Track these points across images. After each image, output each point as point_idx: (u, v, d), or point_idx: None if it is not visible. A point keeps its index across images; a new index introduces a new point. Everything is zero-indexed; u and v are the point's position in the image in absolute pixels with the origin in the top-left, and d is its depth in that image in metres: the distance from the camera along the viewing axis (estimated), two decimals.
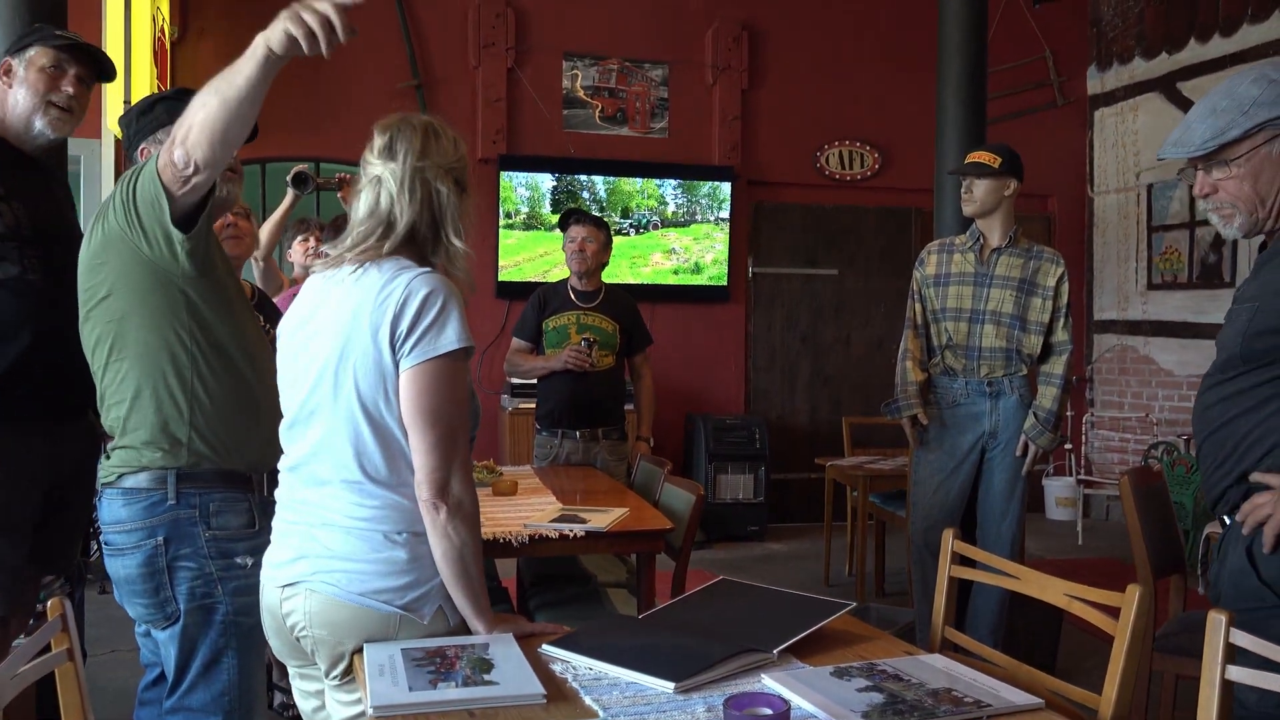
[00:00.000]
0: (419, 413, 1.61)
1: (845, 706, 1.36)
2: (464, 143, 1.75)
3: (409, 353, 1.61)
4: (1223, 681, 1.31)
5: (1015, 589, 1.76)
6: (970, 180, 3.37)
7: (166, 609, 1.89)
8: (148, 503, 1.87)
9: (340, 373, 1.65)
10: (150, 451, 1.88)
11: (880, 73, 6.65)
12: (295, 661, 1.76)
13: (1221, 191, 1.78)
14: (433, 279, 1.64)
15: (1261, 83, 1.73)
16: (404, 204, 1.67)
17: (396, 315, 1.60)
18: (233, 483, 1.94)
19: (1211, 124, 1.74)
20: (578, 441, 3.84)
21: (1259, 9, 5.92)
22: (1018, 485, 3.39)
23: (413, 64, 5.96)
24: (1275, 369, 1.69)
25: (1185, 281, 6.44)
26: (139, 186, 1.84)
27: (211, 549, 1.89)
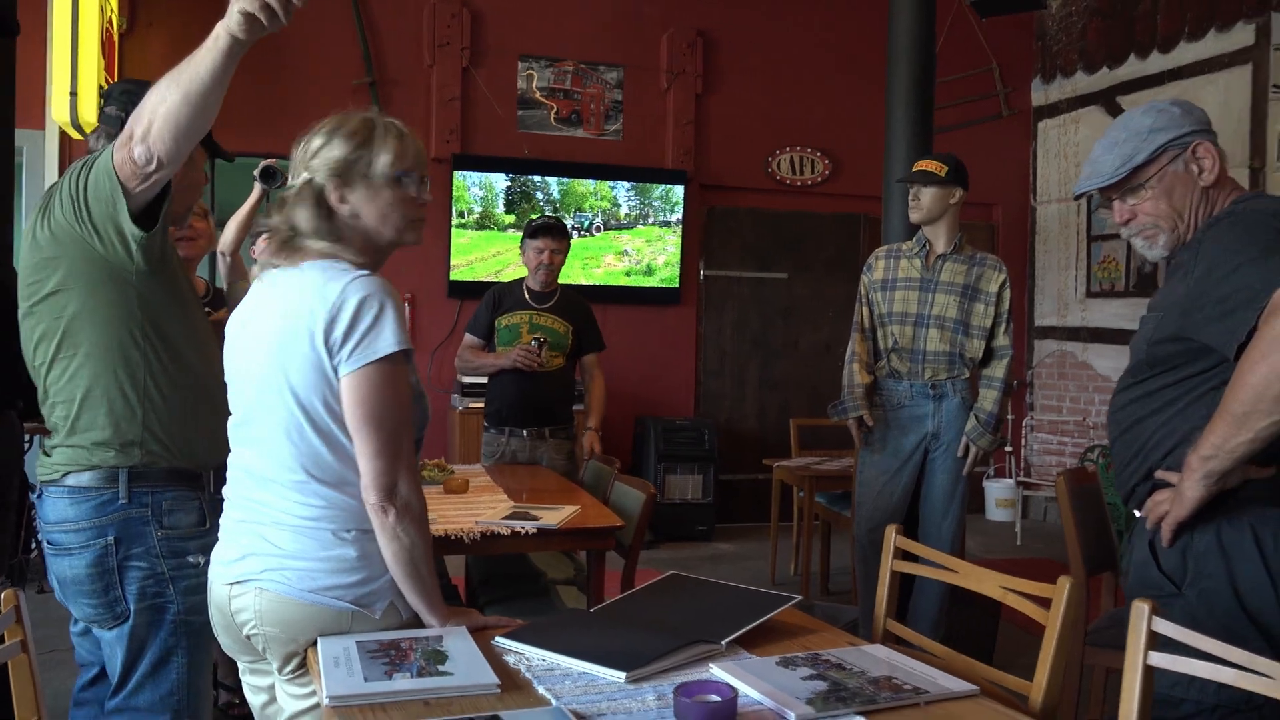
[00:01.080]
0: (362, 418, 1.62)
1: (790, 694, 1.41)
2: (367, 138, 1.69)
3: (346, 358, 1.61)
4: (1145, 667, 1.38)
5: (954, 582, 1.83)
6: (917, 188, 3.46)
7: (115, 609, 1.87)
8: (97, 501, 1.86)
9: (278, 375, 1.65)
10: (102, 451, 1.86)
11: (832, 81, 6.76)
12: (245, 658, 1.77)
13: (1140, 215, 1.88)
14: (368, 283, 1.63)
15: (1152, 113, 1.87)
16: (300, 207, 1.69)
17: (331, 321, 1.60)
18: (183, 481, 1.93)
19: (1118, 154, 1.86)
20: (524, 440, 3.88)
21: (1195, 28, 6.12)
22: (959, 485, 3.49)
23: (367, 62, 5.93)
24: (1177, 374, 1.78)
25: (1122, 290, 6.62)
26: (90, 183, 1.82)
27: (163, 548, 1.88)
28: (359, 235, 1.72)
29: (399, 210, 1.72)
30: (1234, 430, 1.62)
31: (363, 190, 1.70)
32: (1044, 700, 1.50)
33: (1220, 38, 5.96)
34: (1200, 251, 1.79)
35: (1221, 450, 1.64)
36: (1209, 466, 1.66)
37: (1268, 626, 1.69)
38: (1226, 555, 1.73)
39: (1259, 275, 1.62)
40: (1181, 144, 1.86)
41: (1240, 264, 1.67)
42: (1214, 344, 1.70)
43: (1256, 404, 1.58)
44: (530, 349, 3.80)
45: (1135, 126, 1.89)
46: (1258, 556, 1.71)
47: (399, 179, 1.70)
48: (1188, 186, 1.86)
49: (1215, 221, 1.83)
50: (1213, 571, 1.74)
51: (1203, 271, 1.75)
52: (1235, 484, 1.70)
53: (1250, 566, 1.71)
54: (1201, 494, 1.68)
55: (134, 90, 2.03)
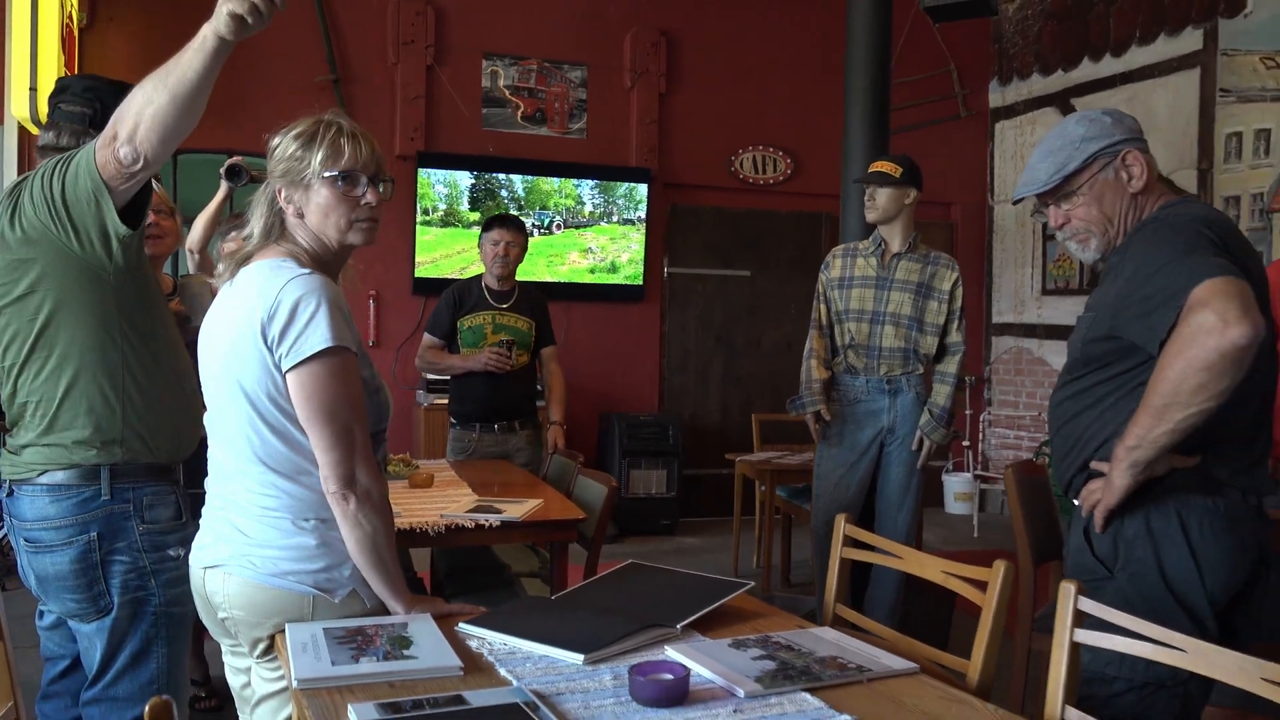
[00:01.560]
0: (311, 412, 1.67)
1: (740, 673, 1.48)
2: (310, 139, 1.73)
3: (286, 354, 1.66)
4: (1071, 643, 1.47)
5: (899, 568, 1.91)
6: (873, 189, 3.54)
7: (99, 602, 1.91)
8: (79, 499, 1.89)
9: (231, 372, 1.71)
10: (83, 449, 1.89)
11: (793, 81, 6.85)
12: (226, 641, 1.82)
13: (1074, 220, 1.98)
14: (305, 281, 1.67)
15: (1084, 123, 1.95)
16: (256, 208, 1.76)
17: (269, 318, 1.65)
18: (160, 475, 1.98)
19: (1052, 161, 1.95)
20: (495, 434, 3.92)
21: (1146, 32, 6.27)
22: (913, 478, 3.58)
23: (330, 59, 5.94)
24: (1109, 370, 1.87)
25: (1076, 288, 6.77)
26: (69, 183, 1.83)
27: (145, 542, 1.93)
28: (308, 235, 1.77)
29: (338, 210, 1.74)
30: (1155, 422, 1.70)
31: (303, 190, 1.74)
32: (980, 678, 1.58)
33: (1170, 42, 6.11)
34: (1128, 254, 1.88)
35: (1144, 441, 1.73)
36: (1134, 456, 1.75)
37: (1192, 607, 1.79)
38: (1154, 540, 1.82)
39: (1179, 275, 1.71)
40: (1112, 152, 1.94)
41: (1162, 265, 1.76)
42: (1139, 341, 1.79)
43: (1174, 397, 1.67)
44: (502, 352, 3.83)
45: (1069, 135, 1.97)
46: (1183, 541, 1.80)
47: (334, 179, 1.73)
48: (1118, 193, 1.95)
49: (1143, 225, 1.92)
50: (1142, 555, 1.83)
51: (1130, 273, 1.84)
52: (1161, 473, 1.79)
53: (1176, 550, 1.81)
54: (1129, 482, 1.77)
55: (95, 86, 2.04)
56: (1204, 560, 1.79)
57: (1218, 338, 1.61)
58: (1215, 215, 1.91)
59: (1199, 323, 1.63)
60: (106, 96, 2.00)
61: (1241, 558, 1.82)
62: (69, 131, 2.00)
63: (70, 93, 2.02)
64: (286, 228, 1.77)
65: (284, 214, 1.76)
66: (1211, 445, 1.80)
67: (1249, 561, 1.84)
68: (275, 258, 1.74)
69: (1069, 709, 1.43)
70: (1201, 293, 1.65)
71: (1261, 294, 1.82)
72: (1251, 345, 1.61)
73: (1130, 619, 1.43)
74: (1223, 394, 1.64)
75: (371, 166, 1.77)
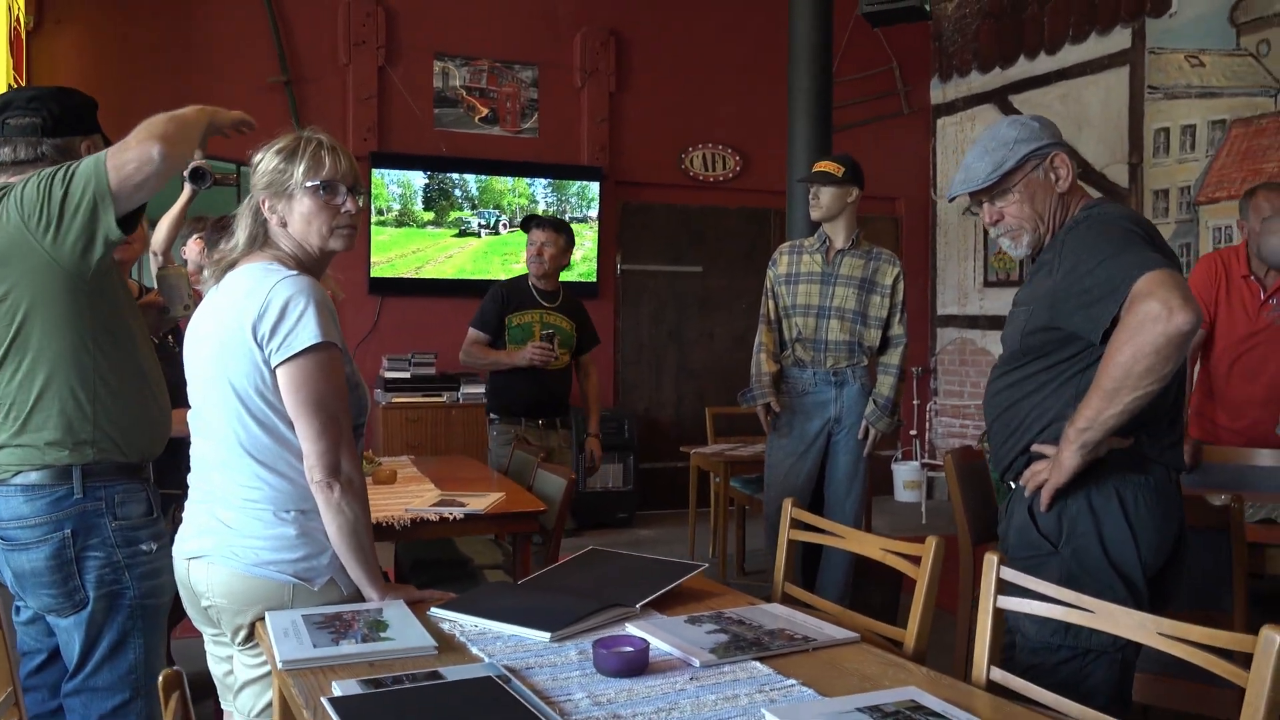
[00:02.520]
0: (299, 404, 1.78)
1: (695, 645, 1.61)
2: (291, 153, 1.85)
3: (276, 350, 1.77)
4: (995, 609, 1.61)
5: (840, 546, 2.05)
6: (817, 188, 3.68)
7: (75, 597, 1.98)
8: (52, 498, 1.96)
9: (220, 368, 1.81)
10: (56, 450, 1.96)
11: (741, 79, 6.99)
12: (209, 630, 1.91)
13: (1007, 217, 2.11)
14: (293, 282, 1.79)
15: (1016, 125, 2.10)
16: (241, 218, 1.89)
17: (260, 317, 1.77)
18: (131, 474, 2.05)
19: (989, 161, 2.08)
20: (539, 429, 4.06)
21: (1079, 32, 6.51)
22: (860, 466, 3.73)
23: (281, 60, 5.96)
24: (1048, 360, 2.02)
25: (1017, 279, 7.00)
26: (72, 190, 1.88)
27: (118, 538, 2.00)
28: (291, 242, 1.89)
29: (320, 217, 1.87)
30: (1106, 404, 1.84)
31: (286, 200, 1.87)
32: (915, 645, 1.72)
33: (1101, 40, 6.35)
34: (1063, 251, 2.03)
35: (1095, 422, 1.86)
36: (1085, 437, 1.88)
37: (1128, 575, 1.94)
38: (1095, 515, 1.97)
39: (1117, 270, 1.86)
40: (1041, 154, 2.08)
41: (1101, 260, 1.90)
42: (1080, 331, 1.94)
43: (1124, 380, 1.81)
44: (546, 346, 3.94)
45: (1002, 137, 2.11)
46: (1121, 515, 1.95)
47: (316, 188, 1.85)
48: (1047, 192, 2.10)
49: (1075, 225, 2.06)
50: (1084, 530, 1.98)
51: (1068, 268, 1.98)
52: (1103, 453, 1.94)
53: (1115, 524, 1.96)
54: (1078, 462, 1.91)
55: (39, 96, 2.08)
56: (1139, 532, 1.95)
57: (1164, 324, 1.75)
58: (1137, 215, 2.07)
59: (1146, 311, 1.77)
60: (52, 104, 2.05)
61: (1169, 528, 1.98)
62: (24, 144, 2.02)
63: (14, 107, 2.04)
64: (270, 236, 1.87)
65: (268, 223, 1.86)
66: (1143, 426, 1.95)
67: (1175, 531, 2.00)
68: (262, 261, 1.84)
69: (993, 669, 1.57)
70: (1145, 285, 1.79)
71: None
72: (1193, 331, 1.76)
73: (1046, 585, 1.57)
74: (1167, 377, 1.79)
75: (350, 178, 1.89)
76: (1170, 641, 1.35)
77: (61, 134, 2.05)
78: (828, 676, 1.50)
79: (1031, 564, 1.99)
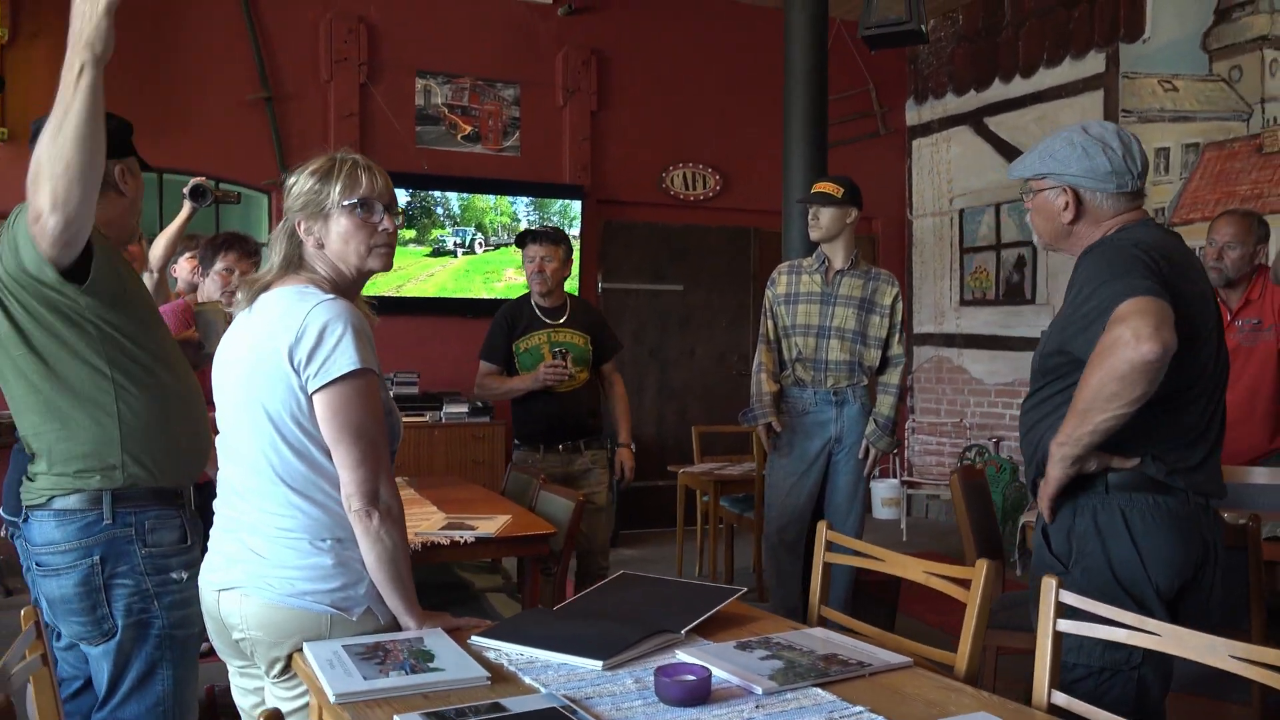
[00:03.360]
0: (338, 431, 1.74)
1: (754, 672, 1.59)
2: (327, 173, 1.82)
3: (314, 376, 1.73)
4: (1055, 632, 1.61)
5: (881, 570, 2.04)
6: (816, 209, 3.70)
7: (103, 626, 1.93)
8: (82, 523, 1.91)
9: (253, 393, 1.77)
10: (85, 476, 1.91)
11: (722, 99, 7.03)
12: (236, 662, 1.86)
13: (1030, 213, 2.17)
14: (331, 307, 1.75)
15: (1063, 142, 2.10)
16: (277, 242, 1.85)
17: (296, 342, 1.72)
18: (165, 500, 2.00)
19: (1030, 160, 2.14)
20: (560, 454, 3.85)
21: (1053, 55, 6.62)
22: (860, 485, 3.74)
23: (262, 76, 5.89)
24: (1062, 382, 2.04)
25: (993, 298, 7.09)
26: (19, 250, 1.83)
27: (148, 565, 1.95)
28: (327, 264, 1.85)
29: (358, 236, 1.84)
30: (1079, 423, 1.89)
31: (322, 221, 1.83)
32: (967, 668, 1.71)
33: (1075, 64, 6.46)
34: (1076, 275, 2.06)
35: (1070, 439, 1.92)
36: (1063, 452, 1.94)
37: (1140, 597, 1.95)
38: (1102, 536, 1.99)
39: (1108, 294, 1.89)
40: (1059, 179, 2.10)
41: (1099, 285, 1.94)
42: (1081, 354, 1.96)
43: (1094, 402, 1.85)
44: (558, 364, 3.75)
45: (1050, 146, 2.13)
46: (1127, 535, 1.97)
47: (353, 207, 1.82)
48: (1051, 216, 2.13)
49: (1091, 248, 2.09)
50: (1092, 550, 2.00)
51: (1074, 293, 2.03)
52: (1094, 469, 1.97)
53: (1121, 544, 1.98)
54: (1060, 474, 1.96)
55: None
56: (1146, 553, 1.96)
57: (1130, 351, 1.78)
58: (1157, 239, 2.04)
59: (1116, 336, 1.81)
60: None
61: (1183, 550, 1.99)
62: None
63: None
64: (305, 259, 1.83)
65: (303, 246, 1.82)
66: (1152, 448, 1.97)
67: (1193, 555, 2.01)
68: (297, 285, 1.80)
69: (1055, 692, 1.57)
70: (1123, 309, 1.82)
71: (1202, 310, 2.00)
72: (1158, 360, 1.78)
73: (1110, 609, 1.58)
74: (1136, 401, 1.82)
75: (386, 196, 1.86)
76: (1243, 664, 1.35)
77: None
78: (892, 703, 1.49)
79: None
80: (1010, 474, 6.31)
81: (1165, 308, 1.83)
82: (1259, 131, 5.44)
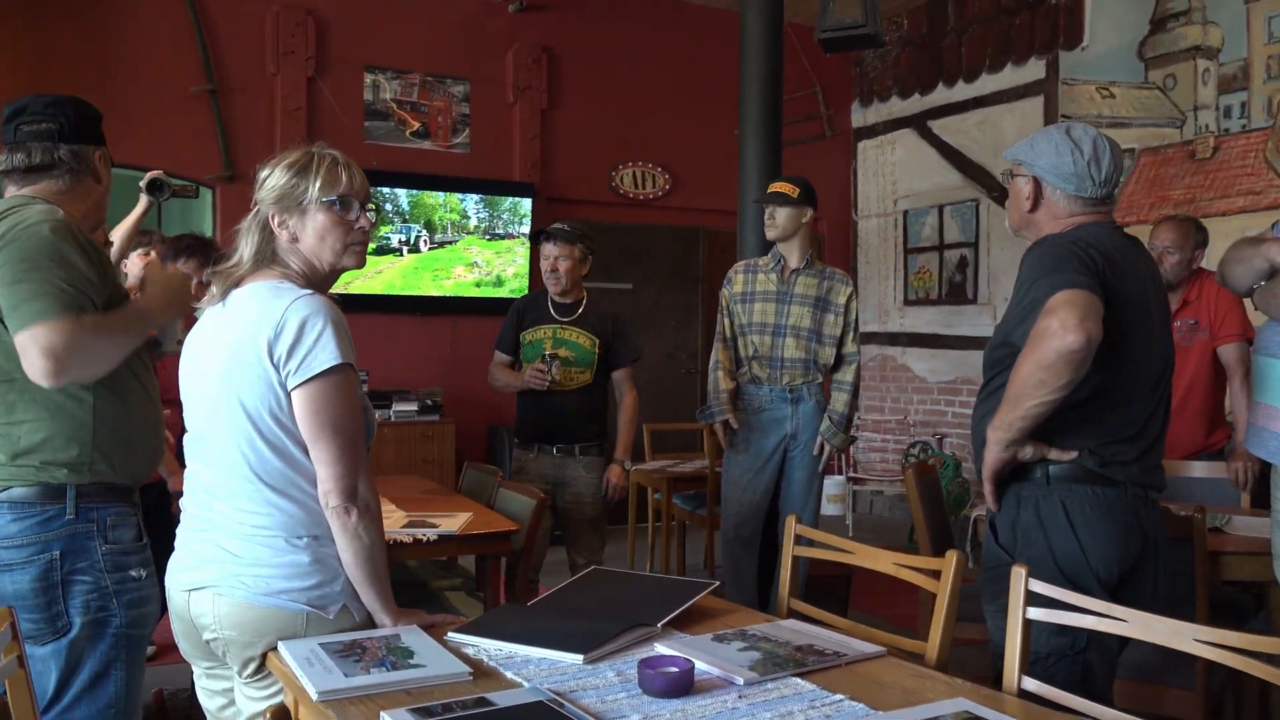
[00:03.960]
0: (316, 427, 1.72)
1: (734, 663, 1.61)
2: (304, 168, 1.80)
3: (294, 373, 1.71)
4: (1024, 620, 1.66)
5: (851, 563, 2.08)
6: (773, 208, 3.75)
7: (57, 623, 1.88)
8: (42, 518, 1.87)
9: (229, 390, 1.74)
10: (52, 469, 1.87)
11: (672, 99, 7.06)
12: (204, 663, 1.83)
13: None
14: (310, 302, 1.74)
15: (1045, 134, 2.18)
16: (248, 235, 1.82)
17: (276, 337, 1.70)
18: (122, 497, 1.97)
19: (1019, 146, 2.22)
20: (553, 457, 3.71)
21: (994, 61, 6.78)
22: (815, 481, 3.80)
23: (206, 68, 5.78)
24: (1006, 374, 2.09)
25: (936, 298, 7.23)
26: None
27: (108, 563, 1.91)
28: (300, 259, 1.83)
29: (334, 234, 1.82)
30: (1011, 409, 1.99)
31: (299, 216, 1.81)
32: (938, 657, 1.76)
33: (1016, 71, 6.62)
34: (1020, 270, 2.13)
35: (1004, 424, 2.01)
36: (996, 436, 2.04)
37: (1082, 586, 2.01)
38: (1044, 527, 2.07)
39: (1045, 286, 1.98)
40: (1030, 169, 2.18)
41: (1037, 279, 2.03)
42: (1020, 345, 2.04)
43: (1024, 389, 1.95)
44: (540, 369, 3.63)
45: (1037, 137, 2.21)
46: (1068, 527, 2.05)
47: (331, 204, 1.80)
48: (1017, 202, 2.23)
49: (1035, 245, 2.16)
50: (1035, 541, 2.08)
51: (1017, 286, 2.11)
52: (1030, 457, 2.05)
53: (1062, 536, 2.05)
54: (995, 458, 2.05)
55: (56, 102, 2.01)
56: (1087, 543, 2.04)
57: (1056, 341, 1.87)
58: (1103, 240, 2.10)
59: (1044, 327, 1.91)
60: (69, 110, 2.01)
61: (1123, 541, 2.06)
62: (40, 149, 1.97)
63: (30, 112, 1.98)
64: (278, 253, 1.81)
65: (275, 239, 1.80)
66: (1091, 441, 2.05)
67: (1133, 546, 2.08)
68: (271, 280, 1.78)
69: (1024, 678, 1.62)
70: (1053, 302, 1.92)
71: (1142, 310, 2.08)
72: (1082, 350, 1.87)
73: (1078, 596, 1.63)
74: (1063, 388, 1.91)
75: (363, 194, 1.84)
76: (1207, 648, 1.41)
77: (78, 141, 2.00)
78: (871, 691, 1.52)
79: (995, 574, 2.09)
80: (954, 470, 6.45)
81: (1093, 301, 1.91)
82: (1192, 138, 5.63)
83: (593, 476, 3.73)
